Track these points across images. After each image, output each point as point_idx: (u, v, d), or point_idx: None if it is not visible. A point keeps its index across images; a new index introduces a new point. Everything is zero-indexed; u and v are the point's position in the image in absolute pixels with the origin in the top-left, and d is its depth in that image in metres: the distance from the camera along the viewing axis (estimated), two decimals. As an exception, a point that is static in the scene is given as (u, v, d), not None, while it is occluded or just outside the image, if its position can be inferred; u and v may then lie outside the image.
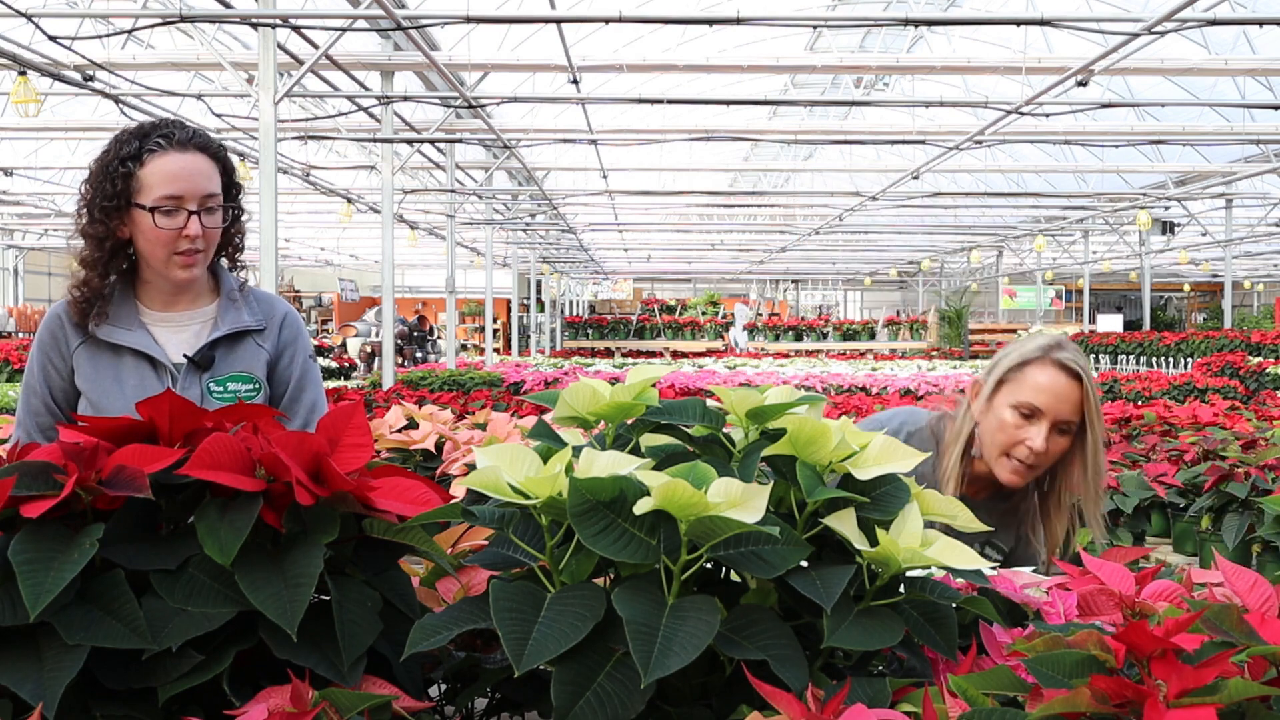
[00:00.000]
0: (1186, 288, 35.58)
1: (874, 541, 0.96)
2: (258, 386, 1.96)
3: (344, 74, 10.25)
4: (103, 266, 1.88)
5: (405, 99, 10.34)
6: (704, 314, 30.35)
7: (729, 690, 0.96)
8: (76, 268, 1.89)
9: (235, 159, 2.27)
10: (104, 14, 8.23)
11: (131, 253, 1.91)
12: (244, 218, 2.00)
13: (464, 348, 23.01)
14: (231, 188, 1.95)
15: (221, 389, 1.92)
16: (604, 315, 30.42)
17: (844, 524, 0.97)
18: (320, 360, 17.88)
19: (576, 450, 1.03)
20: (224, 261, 2.01)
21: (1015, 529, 1.90)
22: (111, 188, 1.83)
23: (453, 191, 14.34)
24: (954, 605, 1.00)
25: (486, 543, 1.08)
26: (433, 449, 3.27)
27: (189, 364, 1.91)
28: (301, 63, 8.40)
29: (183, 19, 6.75)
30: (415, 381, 9.96)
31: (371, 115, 10.82)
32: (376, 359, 16.00)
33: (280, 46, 7.62)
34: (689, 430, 1.11)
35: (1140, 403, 8.16)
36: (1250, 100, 13.62)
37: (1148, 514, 3.63)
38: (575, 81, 9.03)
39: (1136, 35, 7.37)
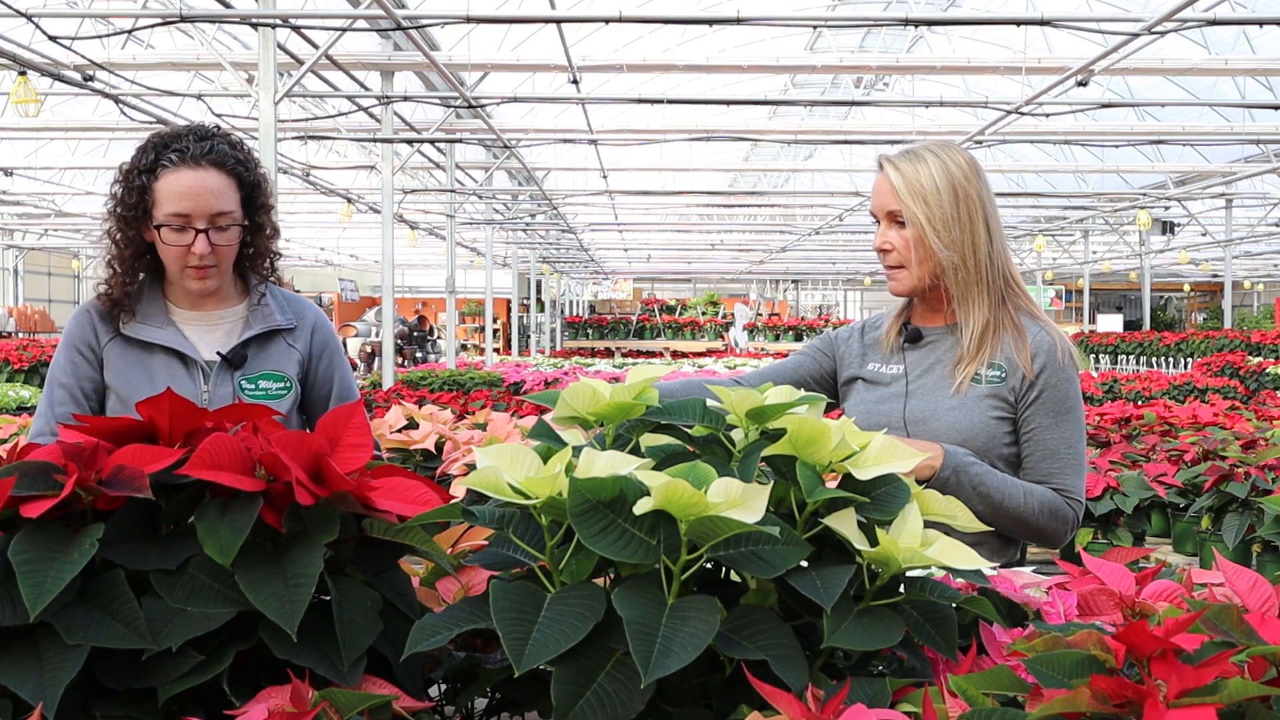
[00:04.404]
0: (1186, 288, 35.59)
1: (874, 541, 0.96)
2: (288, 385, 1.98)
3: (344, 74, 10.24)
4: (128, 267, 1.91)
5: (405, 99, 10.33)
6: (704, 314, 30.33)
7: (729, 690, 0.96)
8: (103, 266, 1.93)
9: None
10: (104, 14, 8.22)
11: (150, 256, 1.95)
12: (269, 230, 1.99)
13: (464, 348, 23.01)
14: (253, 201, 1.94)
15: (254, 387, 1.95)
16: (604, 315, 30.41)
17: (844, 524, 0.97)
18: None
19: (576, 450, 1.02)
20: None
21: (998, 347, 1.89)
22: (131, 198, 1.87)
23: (453, 191, 14.34)
24: (954, 605, 1.00)
25: (486, 543, 1.08)
26: (433, 449, 3.27)
27: (222, 361, 1.93)
28: (301, 63, 8.39)
29: (183, 19, 6.75)
30: (415, 381, 9.95)
31: (371, 115, 10.81)
32: (376, 359, 16.00)
33: (280, 46, 7.62)
34: (689, 430, 1.11)
35: (1140, 403, 8.16)
36: (1250, 100, 13.63)
37: (1148, 514, 3.63)
38: (575, 81, 9.02)
39: (1136, 35, 7.37)
